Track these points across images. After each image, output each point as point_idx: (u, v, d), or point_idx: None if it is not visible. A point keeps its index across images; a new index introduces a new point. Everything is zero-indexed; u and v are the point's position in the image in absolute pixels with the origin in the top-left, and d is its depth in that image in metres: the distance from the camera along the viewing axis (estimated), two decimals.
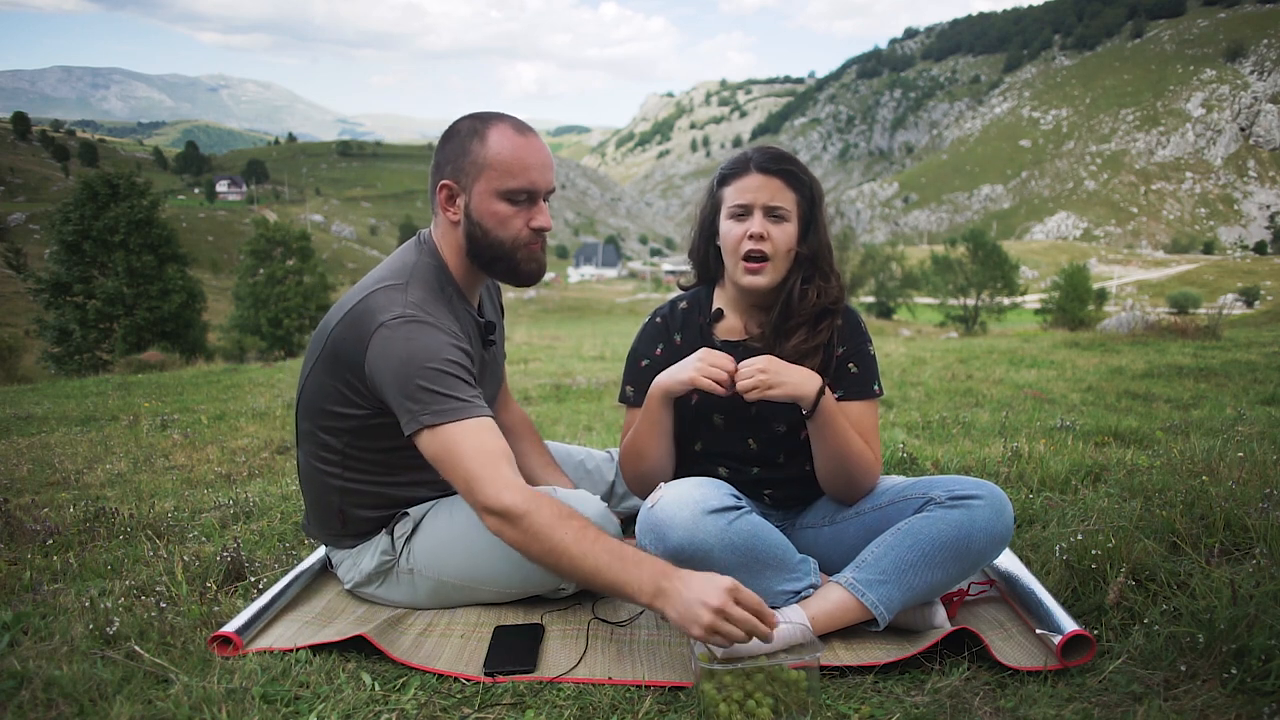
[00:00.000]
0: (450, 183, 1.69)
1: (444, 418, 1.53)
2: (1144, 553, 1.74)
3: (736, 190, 1.73)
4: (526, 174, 1.66)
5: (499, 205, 1.67)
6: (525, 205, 1.69)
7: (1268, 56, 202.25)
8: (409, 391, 1.55)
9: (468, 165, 1.66)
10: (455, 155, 1.68)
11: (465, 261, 1.75)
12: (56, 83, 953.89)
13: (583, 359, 9.93)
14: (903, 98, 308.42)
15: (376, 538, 1.83)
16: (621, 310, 66.85)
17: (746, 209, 1.72)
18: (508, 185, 1.66)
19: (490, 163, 1.65)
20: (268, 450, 4.10)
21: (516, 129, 1.67)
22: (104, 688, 1.39)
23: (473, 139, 1.66)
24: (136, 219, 22.81)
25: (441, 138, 1.72)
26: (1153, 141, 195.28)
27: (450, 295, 1.73)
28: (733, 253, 1.75)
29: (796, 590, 1.63)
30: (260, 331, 27.30)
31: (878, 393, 1.82)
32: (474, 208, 1.68)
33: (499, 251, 1.71)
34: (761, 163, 1.72)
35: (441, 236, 1.76)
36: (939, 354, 8.32)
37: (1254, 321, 24.59)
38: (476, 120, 1.68)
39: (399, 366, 1.55)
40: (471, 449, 1.52)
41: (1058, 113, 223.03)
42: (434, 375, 1.55)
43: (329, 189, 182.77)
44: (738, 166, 1.75)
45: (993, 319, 46.63)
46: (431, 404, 1.54)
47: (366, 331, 1.59)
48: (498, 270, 1.76)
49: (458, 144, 1.67)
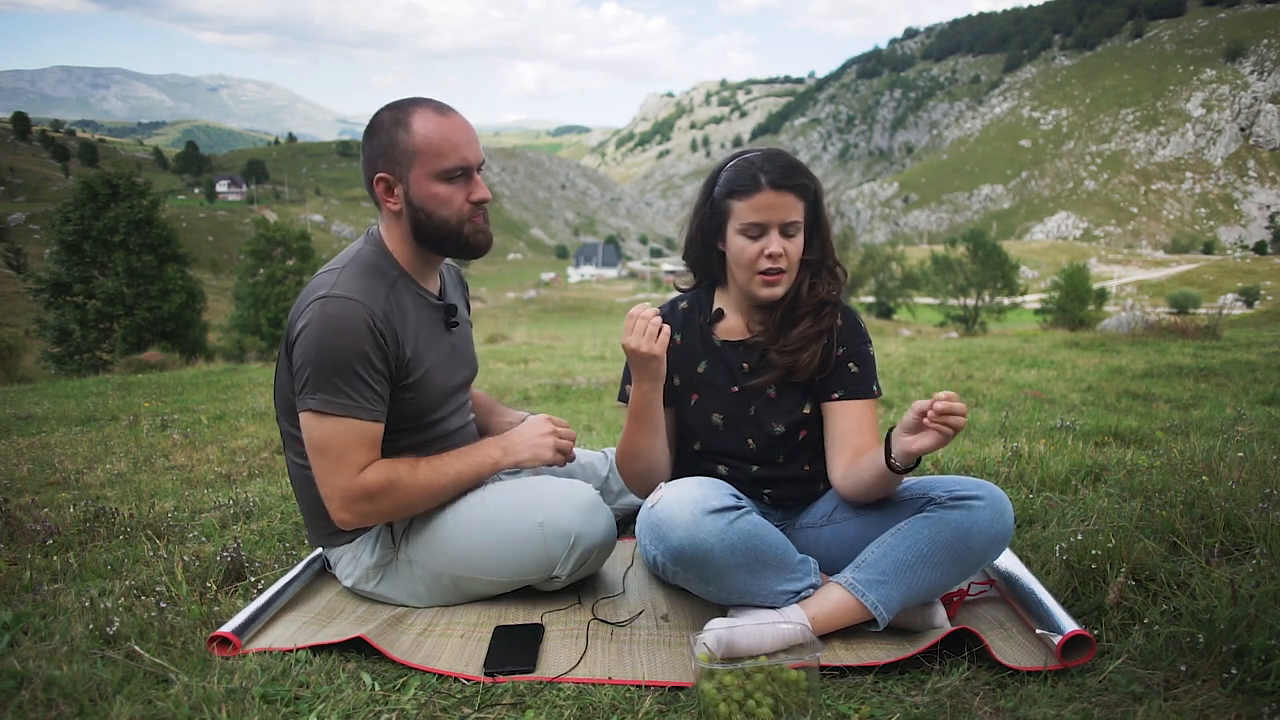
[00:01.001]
0: (385, 175, 1.74)
1: (333, 410, 1.65)
2: (1144, 553, 1.74)
3: (750, 208, 1.70)
4: (457, 151, 1.72)
5: (437, 187, 1.73)
6: (461, 181, 1.75)
7: (1268, 56, 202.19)
8: (311, 370, 1.64)
9: (399, 155, 1.71)
10: (384, 148, 1.72)
11: (413, 247, 1.80)
12: (56, 83, 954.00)
13: (583, 359, 9.93)
14: (903, 98, 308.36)
15: (375, 529, 1.84)
16: (621, 310, 66.80)
17: (763, 228, 1.70)
18: (442, 166, 1.71)
19: (419, 148, 1.70)
20: (268, 450, 4.10)
21: (437, 110, 1.73)
22: (104, 688, 1.39)
23: (397, 129, 1.71)
24: (136, 219, 22.78)
25: (365, 134, 1.76)
26: (1153, 141, 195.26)
27: (394, 279, 1.77)
28: (748, 268, 1.74)
29: (797, 590, 1.63)
30: (260, 331, 27.26)
31: (877, 393, 1.83)
32: (413, 194, 1.73)
33: (446, 230, 1.76)
34: (775, 180, 1.68)
35: (387, 228, 1.81)
36: (939, 354, 8.32)
37: (1254, 321, 24.58)
38: (396, 110, 1.73)
39: (313, 343, 1.64)
40: (342, 447, 1.67)
41: (1058, 113, 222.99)
42: (340, 368, 1.64)
43: (329, 189, 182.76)
44: (748, 182, 1.70)
45: (993, 319, 46.61)
46: (325, 392, 1.65)
47: (301, 307, 1.69)
48: (448, 248, 1.81)
49: (384, 136, 1.72)
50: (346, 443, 1.67)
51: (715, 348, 1.86)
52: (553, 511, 1.72)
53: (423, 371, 1.78)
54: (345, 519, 1.73)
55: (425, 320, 1.82)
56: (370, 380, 1.67)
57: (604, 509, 1.79)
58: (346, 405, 1.65)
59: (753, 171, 1.70)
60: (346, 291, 1.66)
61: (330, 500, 1.71)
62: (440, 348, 1.85)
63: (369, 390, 1.68)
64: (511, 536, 1.73)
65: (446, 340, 1.88)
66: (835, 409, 1.80)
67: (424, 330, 1.81)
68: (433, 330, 1.84)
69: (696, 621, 1.72)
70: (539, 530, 1.72)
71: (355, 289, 1.68)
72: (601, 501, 1.79)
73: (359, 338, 1.64)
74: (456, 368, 1.92)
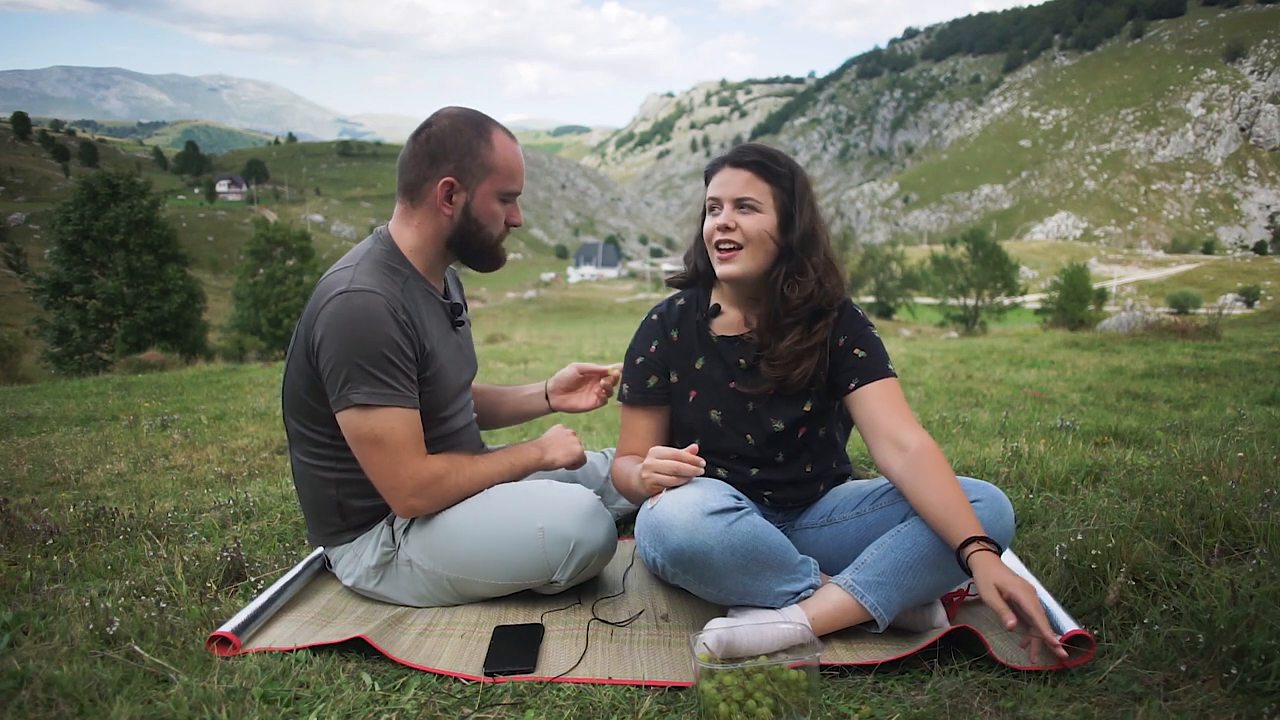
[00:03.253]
0: (453, 179, 1.76)
1: (379, 400, 1.66)
2: (1144, 553, 1.74)
3: (713, 185, 1.78)
4: (519, 178, 1.83)
5: (496, 205, 1.82)
6: (511, 204, 1.86)
7: (1268, 56, 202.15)
8: (346, 366, 1.64)
9: (475, 166, 1.76)
10: (461, 154, 1.75)
11: (438, 249, 1.84)
12: (57, 83, 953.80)
13: (582, 359, 9.93)
14: (903, 98, 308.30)
15: (376, 528, 1.84)
16: (621, 310, 66.82)
17: (718, 201, 1.76)
18: (509, 187, 1.82)
19: (497, 166, 1.78)
20: (268, 450, 4.10)
21: (510, 135, 1.82)
22: (104, 688, 1.39)
23: (479, 141, 1.76)
24: (136, 219, 22.78)
25: (433, 134, 1.76)
26: (1153, 141, 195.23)
27: (405, 277, 1.79)
28: (709, 244, 1.78)
29: (797, 591, 1.63)
30: (260, 331, 27.26)
31: (892, 372, 1.77)
32: (475, 206, 1.79)
33: (486, 244, 1.85)
34: (734, 157, 1.77)
35: (410, 227, 1.82)
36: (939, 354, 8.32)
37: (1254, 321, 24.59)
38: (474, 124, 1.77)
39: (342, 340, 1.64)
40: (402, 436, 1.69)
41: (1058, 113, 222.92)
42: (376, 358, 1.65)
43: (329, 189, 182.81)
44: (714, 164, 1.81)
45: (993, 319, 46.61)
46: (367, 385, 1.65)
47: (318, 305, 1.69)
48: (475, 259, 1.88)
49: (463, 143, 1.75)
50: (402, 431, 1.69)
51: (712, 343, 1.85)
52: (553, 517, 1.72)
53: (438, 365, 1.80)
54: (417, 505, 1.75)
55: (435, 317, 1.84)
56: (404, 367, 1.70)
57: (605, 515, 1.79)
58: (390, 394, 1.67)
59: (722, 155, 1.79)
60: (366, 285, 1.68)
61: (398, 490, 1.72)
62: (449, 345, 1.88)
63: (405, 378, 1.70)
64: (512, 541, 1.73)
65: (453, 339, 1.91)
66: (856, 398, 1.75)
67: (436, 326, 1.83)
68: (442, 327, 1.86)
69: (696, 621, 1.72)
70: (539, 535, 1.72)
71: (373, 282, 1.69)
72: (602, 507, 1.79)
73: (386, 326, 1.66)
74: (463, 366, 1.94)
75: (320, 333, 1.67)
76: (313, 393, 1.74)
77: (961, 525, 1.51)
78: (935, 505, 1.55)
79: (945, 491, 1.55)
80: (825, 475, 1.92)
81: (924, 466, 1.59)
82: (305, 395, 1.76)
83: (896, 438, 1.66)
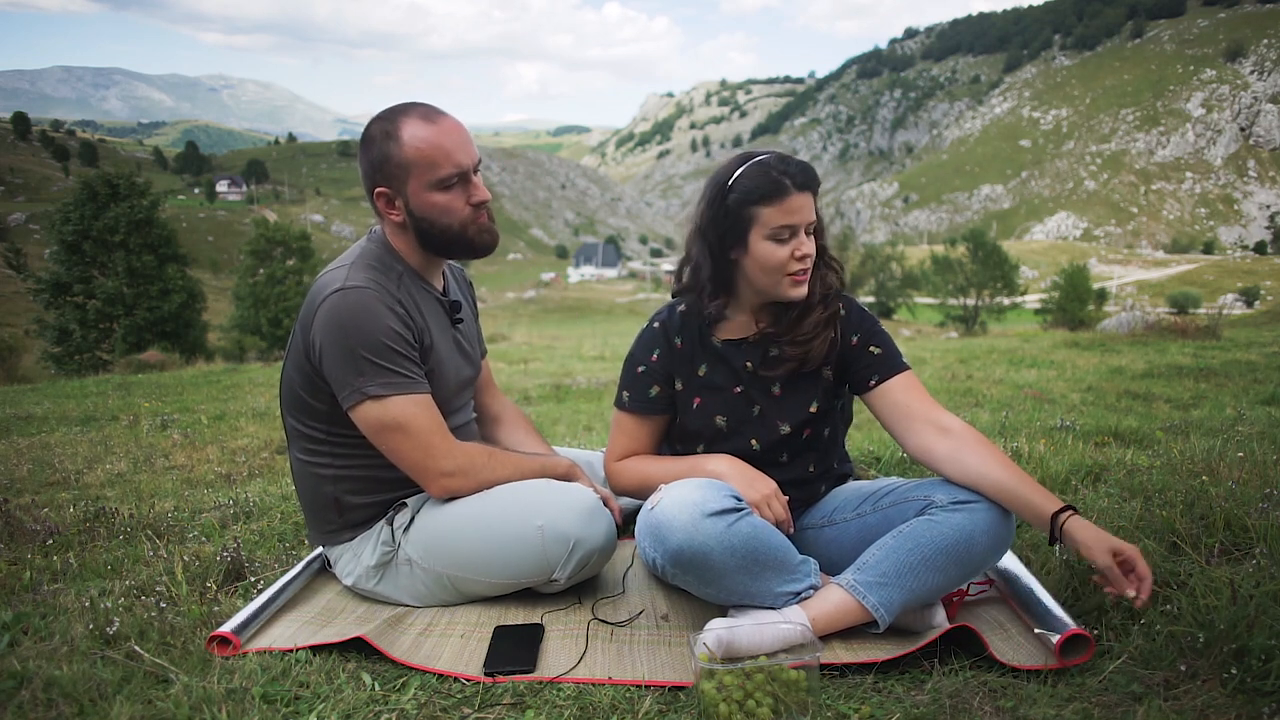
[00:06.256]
0: (383, 189, 1.74)
1: (393, 390, 1.65)
2: (1144, 553, 1.74)
3: (781, 212, 1.66)
4: (450, 159, 1.70)
5: (436, 196, 1.73)
6: (460, 187, 1.74)
7: (1268, 56, 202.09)
8: (352, 362, 1.63)
9: (393, 169, 1.71)
10: (378, 162, 1.73)
11: (421, 251, 1.82)
12: (57, 82, 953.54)
13: (583, 359, 9.94)
14: (903, 98, 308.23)
15: (376, 527, 1.84)
16: (621, 310, 66.85)
17: (793, 230, 1.69)
18: (437, 175, 1.71)
19: (411, 160, 1.70)
20: (268, 450, 4.10)
21: (425, 118, 1.70)
22: (104, 688, 1.39)
23: (388, 142, 1.70)
24: (136, 219, 22.78)
25: (360, 145, 1.76)
26: (1153, 141, 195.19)
27: (400, 274, 1.79)
28: (777, 271, 1.70)
29: (797, 591, 1.63)
30: (260, 331, 27.25)
31: (908, 364, 1.81)
32: (413, 206, 1.74)
33: (450, 236, 1.77)
34: (801, 183, 1.67)
35: (392, 233, 1.82)
36: (939, 354, 8.32)
37: (1254, 321, 24.57)
38: (385, 122, 1.72)
39: (341, 336, 1.64)
40: (425, 419, 1.68)
41: (1058, 113, 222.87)
42: (380, 349, 1.65)
43: (329, 189, 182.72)
44: (774, 188, 1.66)
45: (993, 319, 46.64)
46: (377, 376, 1.64)
47: (314, 305, 1.68)
48: (455, 252, 1.83)
49: (376, 151, 1.72)
50: (424, 414, 1.69)
51: (715, 349, 1.85)
52: (553, 516, 1.72)
53: (437, 361, 1.81)
54: (455, 485, 1.75)
55: (433, 314, 1.85)
56: (409, 354, 1.70)
57: (604, 513, 1.78)
58: (402, 381, 1.67)
59: (775, 176, 1.67)
60: (359, 282, 1.68)
61: (430, 470, 1.72)
62: (447, 341, 1.88)
63: (412, 365, 1.71)
64: (511, 539, 1.73)
65: (451, 335, 1.91)
66: (881, 392, 1.78)
67: (434, 322, 1.83)
68: (441, 324, 1.87)
69: (696, 621, 1.72)
70: (539, 534, 1.72)
71: (366, 279, 1.69)
72: (602, 506, 1.79)
73: (384, 317, 1.66)
74: (462, 363, 1.94)
75: (319, 334, 1.67)
76: (309, 389, 1.74)
77: (1043, 496, 1.54)
78: (1004, 480, 1.58)
79: (1009, 466, 1.59)
80: (827, 475, 1.92)
81: (976, 445, 1.63)
82: (301, 391, 1.76)
83: (936, 421, 1.70)
